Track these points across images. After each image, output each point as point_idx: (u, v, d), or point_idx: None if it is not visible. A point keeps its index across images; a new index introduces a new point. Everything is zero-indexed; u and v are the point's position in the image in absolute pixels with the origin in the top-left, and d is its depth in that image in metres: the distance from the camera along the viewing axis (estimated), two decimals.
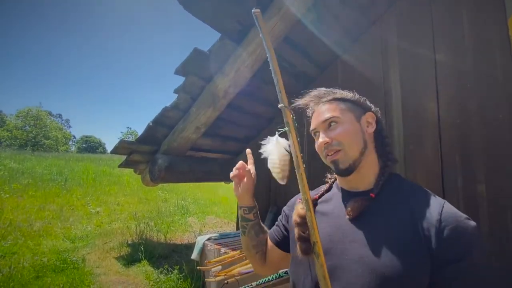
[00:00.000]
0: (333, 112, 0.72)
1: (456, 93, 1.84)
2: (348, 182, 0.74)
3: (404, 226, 0.60)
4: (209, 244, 2.26)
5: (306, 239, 0.62)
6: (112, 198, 7.74)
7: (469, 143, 1.76)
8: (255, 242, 0.87)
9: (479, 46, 1.77)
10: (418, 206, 0.62)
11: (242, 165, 0.87)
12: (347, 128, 0.70)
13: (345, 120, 0.71)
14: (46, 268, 3.36)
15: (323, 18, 2.07)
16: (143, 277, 3.38)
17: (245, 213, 0.86)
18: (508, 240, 1.57)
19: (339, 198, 0.75)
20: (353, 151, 0.69)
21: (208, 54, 2.02)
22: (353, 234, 0.64)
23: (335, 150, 0.69)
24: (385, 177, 0.70)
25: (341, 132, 0.70)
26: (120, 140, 2.57)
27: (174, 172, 2.66)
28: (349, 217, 0.66)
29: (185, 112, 2.45)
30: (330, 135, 0.71)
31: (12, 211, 5.43)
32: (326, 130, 0.72)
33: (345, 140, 0.69)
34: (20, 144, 32.78)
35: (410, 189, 0.68)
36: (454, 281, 0.54)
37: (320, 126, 0.73)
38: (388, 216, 0.63)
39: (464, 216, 0.59)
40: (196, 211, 7.42)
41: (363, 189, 0.71)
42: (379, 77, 2.23)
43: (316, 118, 0.75)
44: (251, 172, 0.87)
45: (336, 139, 0.70)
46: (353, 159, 0.69)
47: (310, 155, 2.67)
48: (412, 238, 0.58)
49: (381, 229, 0.62)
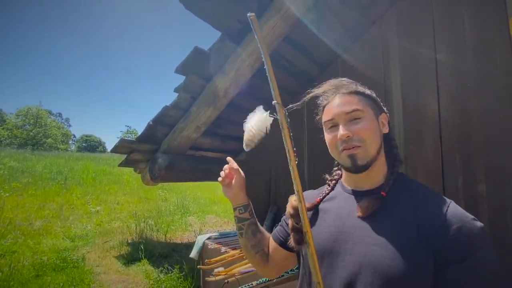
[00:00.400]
0: (357, 105, 0.68)
1: (456, 93, 1.84)
2: (356, 181, 0.73)
3: (408, 225, 0.59)
4: (209, 243, 2.26)
5: (299, 229, 0.62)
6: (112, 197, 7.75)
7: (470, 143, 1.76)
8: (253, 242, 0.86)
9: (479, 45, 1.77)
10: (424, 205, 0.62)
11: (229, 165, 0.86)
12: (370, 125, 0.67)
13: (368, 116, 0.68)
14: (46, 267, 3.37)
15: (324, 18, 2.07)
16: (143, 276, 3.39)
17: (240, 212, 0.85)
18: (509, 240, 1.57)
19: (344, 197, 0.74)
20: (373, 149, 0.67)
21: (209, 53, 2.01)
22: (357, 233, 0.64)
23: (355, 145, 0.66)
24: (394, 176, 0.69)
25: (364, 127, 0.66)
26: (120, 139, 2.57)
27: (174, 171, 2.66)
28: (362, 215, 0.64)
29: (185, 111, 2.45)
30: (352, 129, 0.66)
31: (12, 210, 5.43)
32: (347, 123, 0.68)
33: (368, 137, 0.66)
34: (20, 143, 32.77)
35: (416, 189, 0.67)
36: (457, 281, 0.54)
37: (340, 118, 0.68)
38: (393, 216, 0.63)
39: (471, 216, 0.58)
40: (196, 210, 7.43)
41: (369, 188, 0.70)
42: (379, 76, 2.22)
43: (336, 109, 0.69)
44: (239, 170, 0.86)
45: (358, 135, 0.66)
46: (371, 157, 0.67)
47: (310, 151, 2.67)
48: (416, 238, 0.57)
49: (386, 229, 0.61)
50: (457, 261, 0.54)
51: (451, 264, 0.54)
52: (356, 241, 0.63)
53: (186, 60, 2.01)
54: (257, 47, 1.96)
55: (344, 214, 0.69)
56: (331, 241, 0.67)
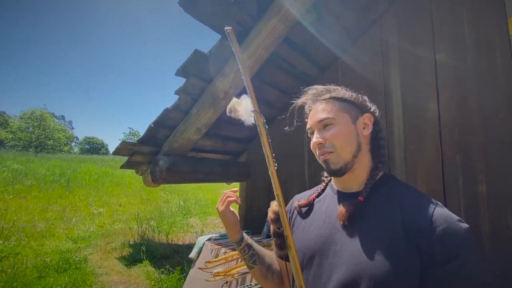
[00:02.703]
0: (328, 113, 0.71)
1: (456, 93, 1.84)
2: (341, 183, 0.74)
3: (395, 227, 0.60)
4: (209, 244, 2.27)
5: (280, 234, 0.63)
6: (114, 199, 7.78)
7: (470, 143, 1.76)
8: (266, 265, 0.83)
9: (479, 46, 1.77)
10: (410, 207, 0.62)
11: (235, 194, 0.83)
12: (341, 130, 0.69)
13: (340, 121, 0.70)
14: (48, 268, 3.39)
15: (323, 19, 2.07)
16: (144, 277, 3.40)
17: (244, 252, 0.82)
18: (509, 240, 1.57)
19: (332, 198, 0.75)
20: (345, 154, 0.68)
21: (208, 56, 2.03)
22: (345, 236, 0.64)
23: (326, 151, 0.69)
24: (374, 179, 0.69)
25: (334, 133, 0.69)
26: (122, 141, 2.59)
27: (175, 173, 2.67)
28: (342, 222, 0.65)
29: (186, 113, 2.46)
30: (324, 136, 0.70)
31: (15, 212, 5.47)
32: (321, 130, 0.72)
33: (338, 143, 0.69)
34: (24, 145, 32.99)
35: (402, 190, 0.67)
36: (442, 283, 0.54)
37: (315, 126, 0.73)
38: (379, 218, 0.63)
39: (456, 218, 0.58)
40: (197, 212, 7.44)
41: (356, 189, 0.71)
42: (379, 77, 2.23)
43: (312, 118, 0.74)
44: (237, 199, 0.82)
45: (329, 141, 0.69)
46: (345, 162, 0.68)
47: (310, 155, 2.67)
48: (403, 239, 0.58)
49: (373, 231, 0.62)
50: (442, 262, 0.54)
51: (436, 265, 0.55)
52: (344, 243, 0.64)
53: (186, 63, 2.03)
54: (257, 48, 1.97)
55: (333, 216, 0.70)
56: (320, 242, 0.67)
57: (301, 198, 0.85)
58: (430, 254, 0.55)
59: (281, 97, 2.71)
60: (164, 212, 6.90)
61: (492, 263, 1.59)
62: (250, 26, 1.93)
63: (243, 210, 3.27)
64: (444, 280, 0.54)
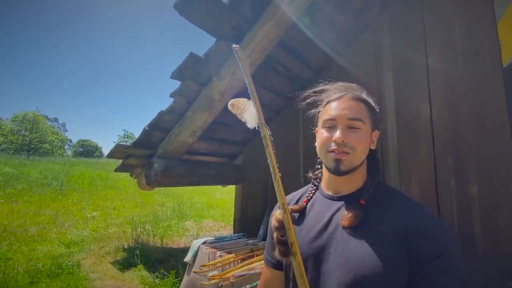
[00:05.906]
0: (360, 114, 0.69)
1: (448, 96, 1.87)
2: (336, 184, 0.75)
3: (387, 229, 0.62)
4: (204, 248, 2.25)
5: (284, 242, 0.63)
6: (108, 202, 7.69)
7: (462, 145, 1.79)
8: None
9: (470, 50, 1.81)
10: (401, 210, 0.65)
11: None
12: (365, 137, 0.69)
13: (366, 128, 0.70)
14: (40, 274, 3.33)
15: (318, 23, 2.10)
16: (138, 281, 3.36)
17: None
18: (500, 241, 1.59)
19: (323, 202, 0.75)
20: (358, 160, 0.69)
21: (204, 59, 2.03)
22: (339, 239, 0.66)
23: (345, 151, 0.67)
24: (373, 185, 0.72)
25: (360, 139, 0.68)
26: (116, 144, 2.57)
27: (170, 176, 2.65)
28: (347, 226, 0.65)
29: (181, 116, 2.46)
30: (348, 136, 0.67)
31: (7, 217, 5.38)
32: (346, 128, 0.68)
33: (359, 148, 0.67)
34: (16, 148, 32.48)
35: (390, 194, 0.71)
36: (430, 278, 0.58)
37: (341, 121, 0.68)
38: (373, 221, 0.65)
39: (438, 218, 0.64)
40: (193, 215, 7.39)
41: (347, 192, 0.73)
42: (373, 80, 2.26)
43: (340, 110, 0.69)
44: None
45: (351, 143, 0.67)
46: (355, 166, 0.69)
47: (305, 156, 2.69)
48: (395, 241, 0.61)
49: (367, 234, 0.63)
50: (430, 260, 0.58)
51: (426, 262, 0.58)
52: (338, 246, 0.65)
53: (182, 66, 2.03)
54: (252, 51, 1.98)
55: (324, 220, 0.70)
56: (314, 246, 0.68)
57: (290, 200, 0.85)
58: (417, 253, 0.59)
59: (275, 99, 2.72)
60: (159, 216, 6.83)
61: (484, 264, 1.61)
62: (245, 29, 1.95)
63: (238, 213, 3.26)
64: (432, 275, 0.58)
